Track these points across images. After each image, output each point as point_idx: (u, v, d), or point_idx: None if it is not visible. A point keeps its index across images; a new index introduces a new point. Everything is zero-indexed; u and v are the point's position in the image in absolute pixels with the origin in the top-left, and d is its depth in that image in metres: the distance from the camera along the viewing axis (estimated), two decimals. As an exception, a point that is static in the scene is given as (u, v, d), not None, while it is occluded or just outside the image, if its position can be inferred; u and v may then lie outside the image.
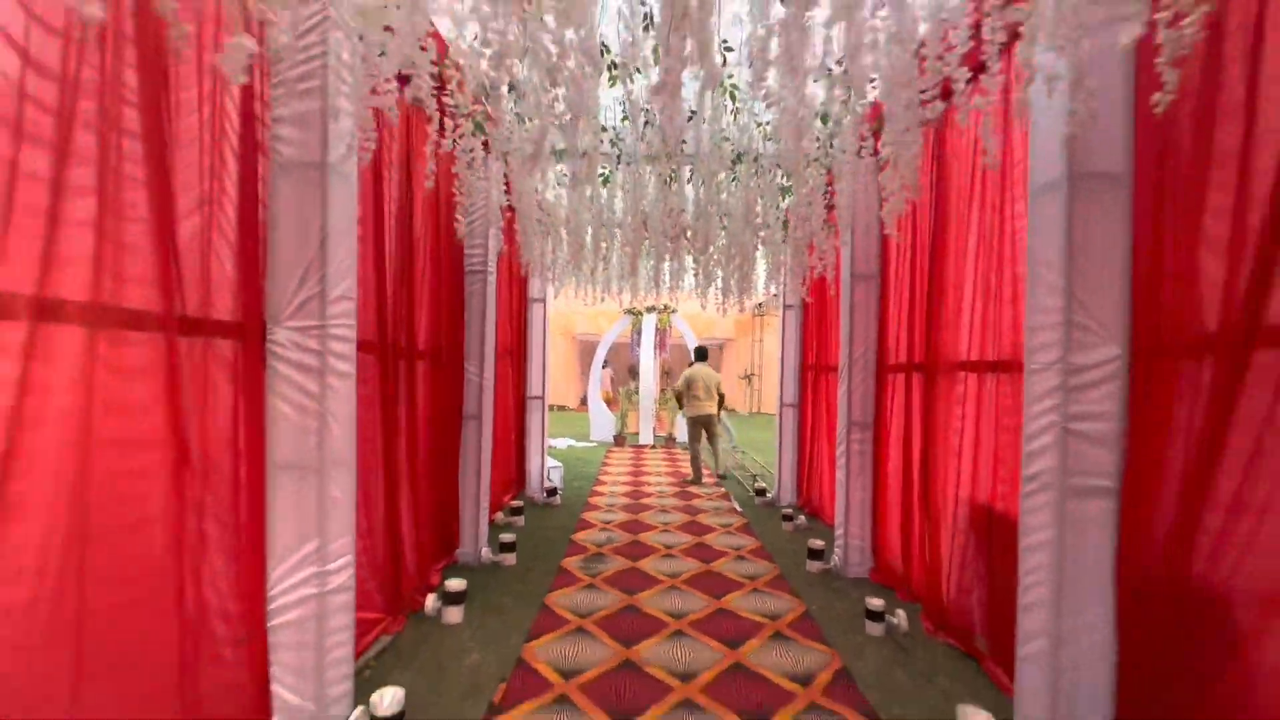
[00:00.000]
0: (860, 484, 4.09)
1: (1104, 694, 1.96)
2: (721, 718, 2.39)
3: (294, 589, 2.04)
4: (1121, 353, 1.95)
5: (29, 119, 1.31)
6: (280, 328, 2.03)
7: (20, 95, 1.29)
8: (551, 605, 3.46)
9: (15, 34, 1.28)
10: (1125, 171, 1.95)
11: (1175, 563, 1.78)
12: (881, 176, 2.34)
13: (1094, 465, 1.97)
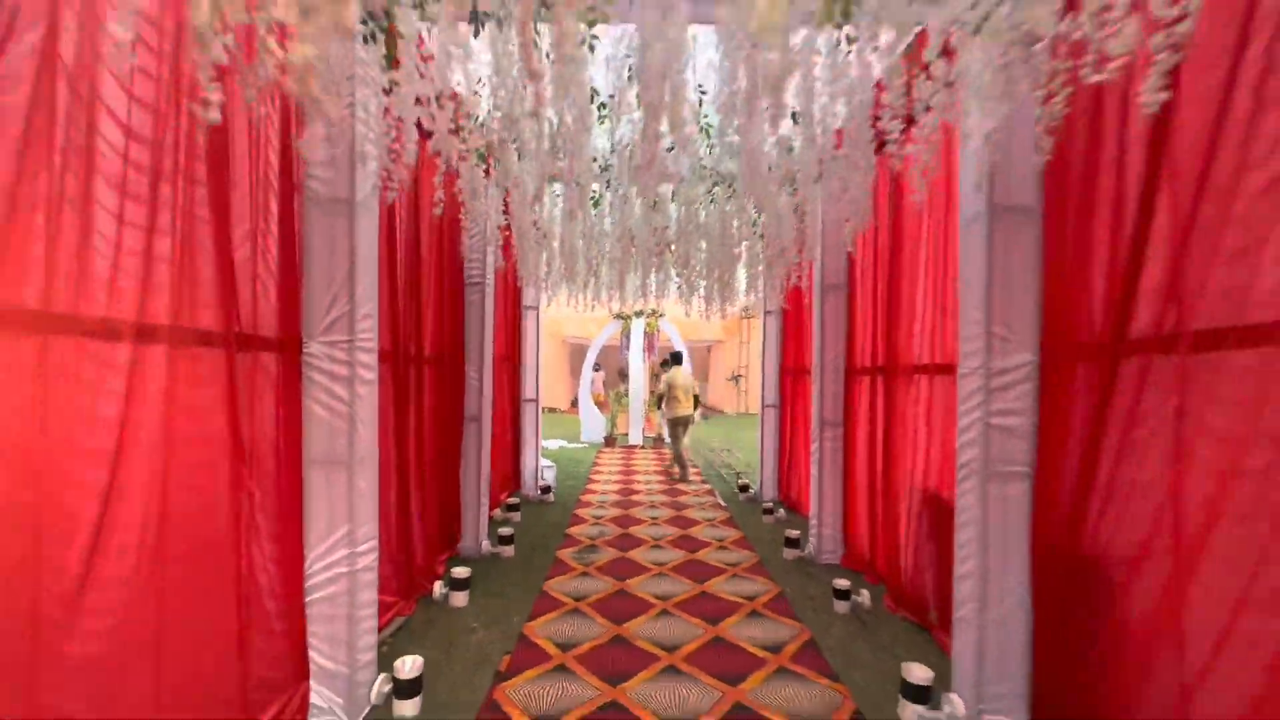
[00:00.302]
0: (832, 478, 4.45)
1: (1022, 644, 2.31)
2: (701, 680, 2.72)
3: (328, 569, 2.35)
4: (1033, 358, 2.30)
5: (130, 178, 1.61)
6: (314, 342, 2.34)
7: (124, 159, 1.60)
8: (549, 590, 3.78)
9: (119, 111, 1.59)
10: (1036, 206, 2.31)
11: (1073, 533, 2.13)
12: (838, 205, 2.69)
13: (1012, 454, 2.33)
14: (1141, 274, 1.87)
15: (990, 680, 2.34)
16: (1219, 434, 1.61)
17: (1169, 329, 1.77)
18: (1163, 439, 1.80)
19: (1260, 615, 1.50)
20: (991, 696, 2.34)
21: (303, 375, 2.34)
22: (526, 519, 5.52)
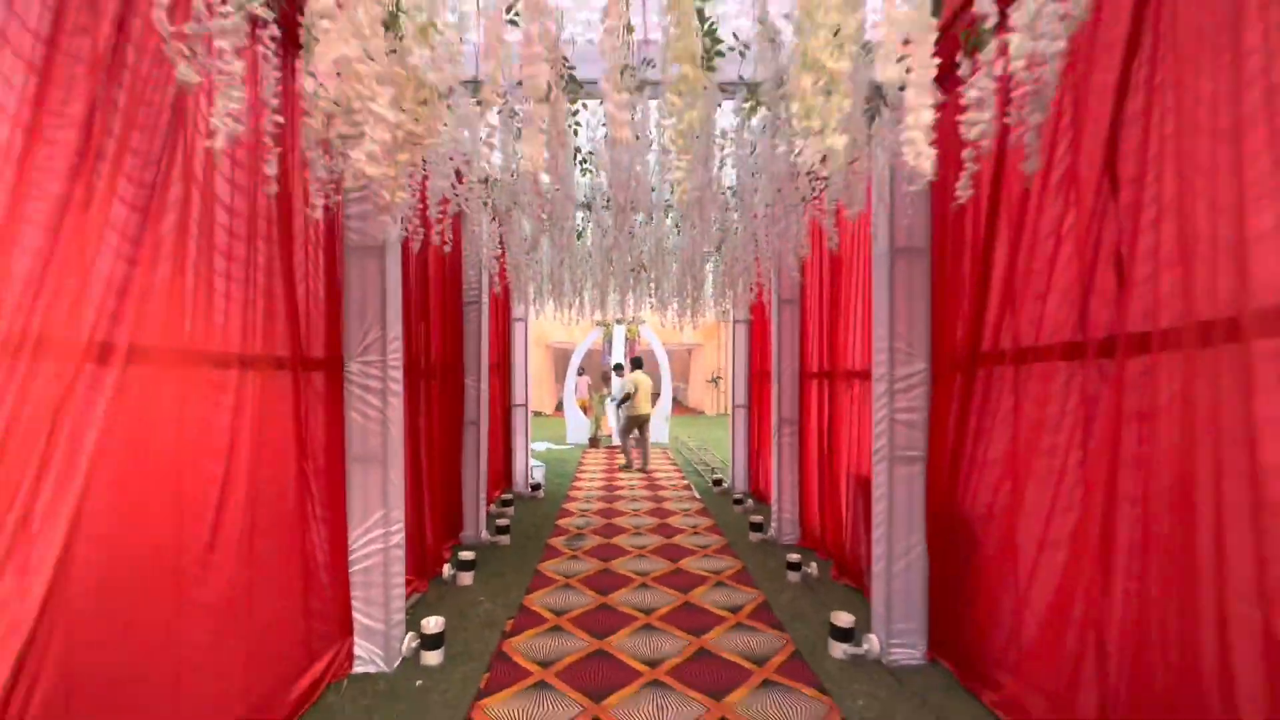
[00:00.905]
0: (790, 469, 5.08)
1: (920, 590, 2.94)
2: (673, 634, 3.32)
3: (367, 545, 2.90)
4: (926, 367, 2.94)
5: (230, 244, 2.16)
6: (354, 362, 2.89)
7: (228, 231, 2.15)
8: (542, 570, 4.35)
9: (222, 194, 2.13)
10: (926, 248, 2.95)
11: (950, 500, 2.77)
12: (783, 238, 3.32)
13: (910, 442, 2.96)
14: (986, 305, 2.51)
15: (897, 620, 2.97)
16: (1029, 420, 2.25)
17: (1002, 347, 2.41)
18: (1002, 426, 2.43)
19: (1053, 551, 2.13)
20: (898, 633, 2.96)
21: (344, 389, 2.89)
22: (520, 512, 6.07)
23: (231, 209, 2.16)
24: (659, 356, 13.84)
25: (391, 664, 2.92)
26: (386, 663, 2.90)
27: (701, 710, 2.57)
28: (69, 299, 1.50)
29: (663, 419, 12.89)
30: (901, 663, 2.94)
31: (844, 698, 2.66)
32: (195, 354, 1.98)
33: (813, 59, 1.20)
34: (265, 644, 2.31)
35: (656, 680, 2.82)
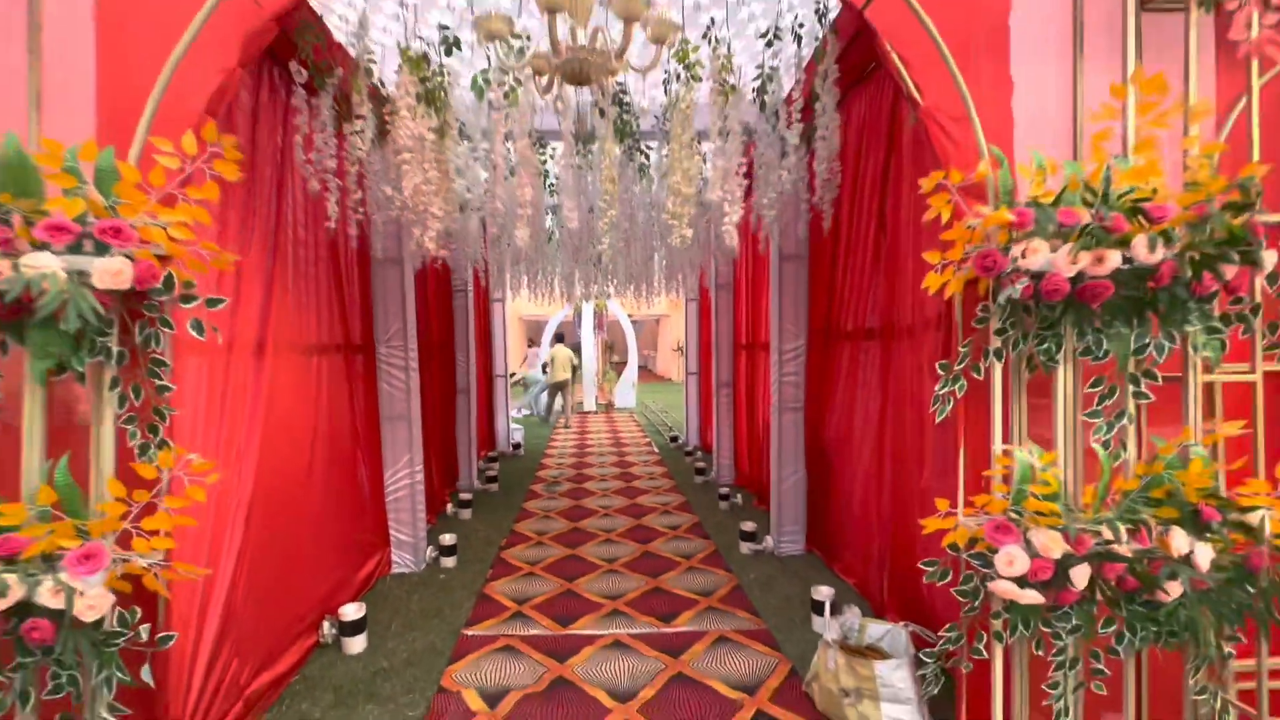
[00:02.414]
0: (727, 423, 6.24)
1: (801, 501, 4.12)
2: (627, 544, 4.46)
3: (399, 480, 3.94)
4: (803, 341, 4.06)
5: (306, 263, 3.11)
6: (383, 346, 3.88)
7: (304, 255, 3.09)
8: (527, 508, 5.46)
9: (302, 238, 3.07)
10: (804, 255, 4.03)
11: (817, 436, 3.93)
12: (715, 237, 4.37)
13: (793, 397, 4.10)
14: (834, 298, 3.62)
15: (785, 524, 4.15)
16: (850, 379, 3.39)
17: (845, 328, 3.53)
18: (847, 382, 3.57)
19: (859, 465, 3.29)
20: (786, 533, 4.15)
21: (377, 366, 3.88)
22: (504, 467, 7.15)
23: (304, 246, 3.12)
24: (625, 327, 14.88)
25: (419, 566, 3.99)
26: (416, 565, 3.98)
27: (643, 584, 3.71)
28: (245, 319, 2.47)
29: (629, 385, 14.01)
30: (788, 553, 4.13)
31: (743, 574, 3.83)
32: (296, 345, 2.96)
33: (674, 187, 2.24)
34: (338, 546, 3.35)
35: (612, 570, 3.96)
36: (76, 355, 1.55)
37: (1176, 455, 1.73)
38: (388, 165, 2.86)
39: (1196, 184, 1.69)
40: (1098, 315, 1.70)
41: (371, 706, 2.43)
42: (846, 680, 2.21)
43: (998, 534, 1.68)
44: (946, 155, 1.96)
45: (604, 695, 2.49)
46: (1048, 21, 2.05)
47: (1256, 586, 1.68)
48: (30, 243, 1.49)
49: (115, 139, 1.73)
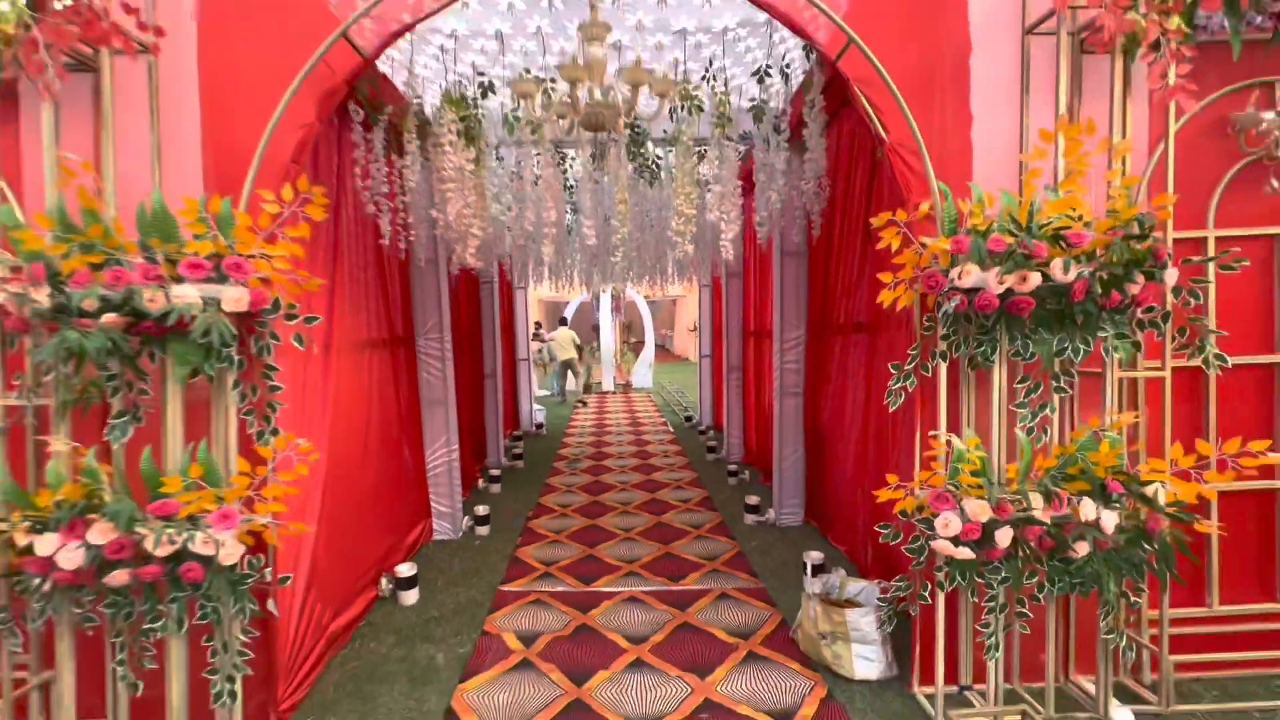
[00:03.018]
0: (736, 404, 6.63)
1: (800, 477, 4.52)
2: (643, 516, 4.91)
3: (438, 458, 4.42)
4: (803, 332, 4.42)
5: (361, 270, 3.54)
6: (422, 339, 4.33)
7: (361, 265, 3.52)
8: (550, 483, 5.94)
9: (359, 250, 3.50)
10: (803, 252, 4.37)
11: (815, 419, 4.31)
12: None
13: (793, 382, 4.47)
14: (827, 294, 3.97)
15: (786, 498, 4.56)
16: (848, 370, 3.75)
17: (837, 322, 3.88)
18: (839, 371, 3.93)
19: (848, 446, 3.67)
20: (786, 507, 4.56)
21: (417, 356, 4.34)
22: (528, 445, 7.65)
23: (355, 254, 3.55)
24: (642, 309, 15.25)
25: (457, 534, 4.49)
26: (454, 533, 4.48)
27: (656, 550, 4.16)
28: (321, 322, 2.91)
29: (647, 366, 14.44)
30: (787, 524, 4.55)
31: (745, 543, 4.26)
32: (352, 343, 3.41)
33: (678, 209, 2.61)
34: (389, 515, 3.84)
35: (629, 538, 4.42)
36: (208, 363, 2.00)
37: (1090, 438, 2.09)
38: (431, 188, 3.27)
39: (1115, 212, 2.03)
40: (1025, 324, 2.06)
41: (428, 645, 2.92)
42: (824, 626, 2.63)
43: (937, 503, 2.07)
44: (908, 184, 2.31)
45: (620, 639, 2.94)
46: (1003, 63, 2.37)
47: (1152, 546, 2.05)
48: (172, 276, 1.93)
49: (220, 188, 2.16)
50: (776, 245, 4.40)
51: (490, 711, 2.36)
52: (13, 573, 1.99)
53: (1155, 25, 2.00)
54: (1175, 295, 2.10)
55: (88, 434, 2.10)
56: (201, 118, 2.25)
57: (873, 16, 2.37)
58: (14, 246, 1.94)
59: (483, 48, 2.93)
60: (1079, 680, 2.37)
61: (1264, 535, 2.44)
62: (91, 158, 2.16)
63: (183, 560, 1.92)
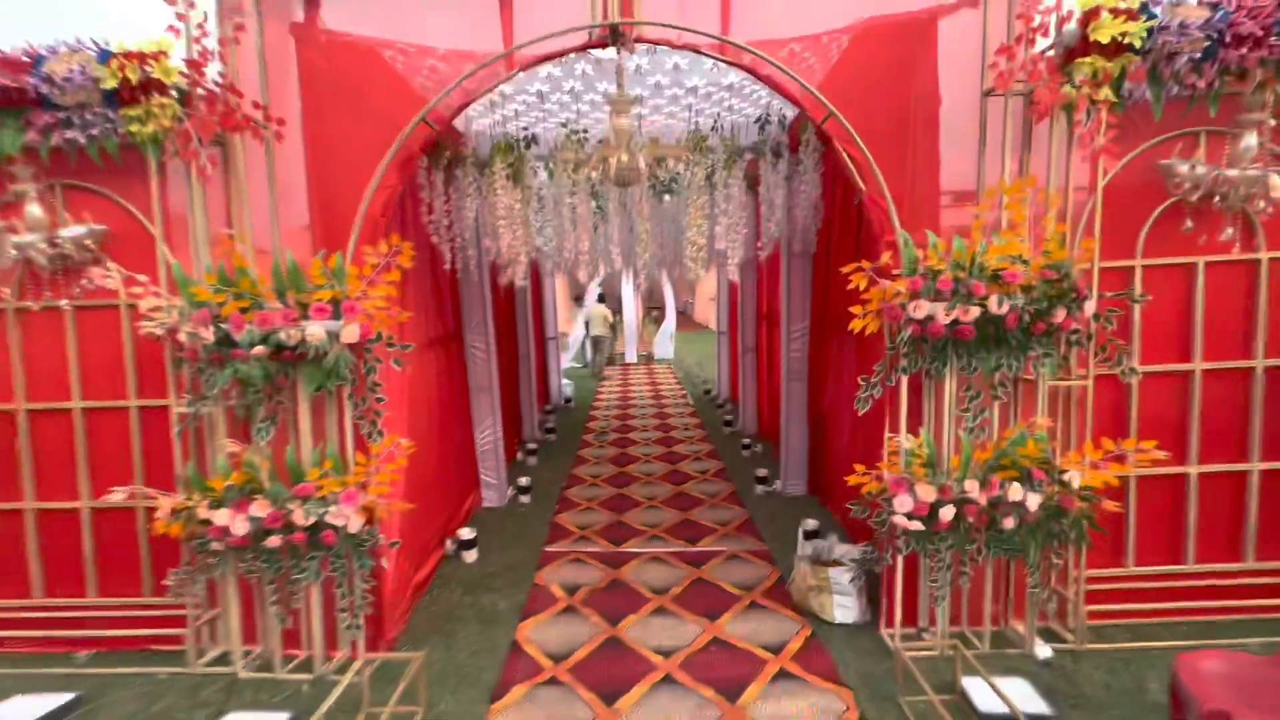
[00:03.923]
0: (750, 382, 7.18)
1: (804, 451, 5.09)
2: (664, 486, 5.55)
3: (485, 436, 5.08)
4: (807, 324, 4.91)
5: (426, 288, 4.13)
6: (469, 333, 4.93)
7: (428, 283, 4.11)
8: (581, 455, 6.61)
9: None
10: (809, 254, 4.82)
11: (816, 401, 4.85)
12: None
13: (799, 369, 4.99)
14: (827, 294, 4.45)
15: (791, 470, 5.14)
16: (844, 362, 4.26)
17: (835, 318, 4.37)
18: (835, 362, 4.44)
19: (842, 421, 4.21)
20: (791, 478, 5.15)
21: (466, 349, 4.96)
22: (559, 419, 8.32)
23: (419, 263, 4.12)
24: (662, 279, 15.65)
25: (502, 502, 5.19)
26: (500, 502, 5.17)
27: (676, 516, 4.80)
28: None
29: (668, 337, 14.96)
30: (792, 494, 5.14)
31: (755, 511, 4.87)
32: (419, 341, 4.02)
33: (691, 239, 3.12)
34: (449, 486, 4.52)
35: (652, 505, 5.06)
36: (329, 381, 2.62)
37: (1020, 436, 2.61)
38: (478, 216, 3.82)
39: (1049, 252, 2.50)
40: (970, 345, 2.56)
41: (490, 595, 3.60)
42: (811, 581, 3.24)
43: (895, 486, 2.62)
44: (883, 226, 2.78)
45: (646, 590, 3.59)
46: (968, 119, 2.80)
47: (1067, 519, 2.59)
48: (301, 315, 2.54)
49: (324, 240, 2.75)
50: (784, 248, 4.85)
51: (547, 644, 3.03)
52: (194, 538, 2.68)
53: (1085, 98, 2.44)
54: (1096, 320, 2.57)
55: (237, 435, 2.76)
56: (308, 183, 2.82)
57: (852, 78, 2.81)
58: (184, 296, 2.56)
59: (524, 100, 3.42)
60: (1016, 625, 2.95)
61: (1177, 511, 2.94)
62: (220, 214, 2.77)
63: (320, 529, 2.58)
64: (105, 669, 2.87)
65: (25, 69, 2.52)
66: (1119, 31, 2.34)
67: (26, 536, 2.97)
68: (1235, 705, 1.77)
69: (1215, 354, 2.84)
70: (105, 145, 2.63)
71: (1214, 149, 2.68)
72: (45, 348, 2.92)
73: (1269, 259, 2.76)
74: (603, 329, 12.52)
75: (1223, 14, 2.34)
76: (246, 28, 2.61)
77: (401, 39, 2.85)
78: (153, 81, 2.49)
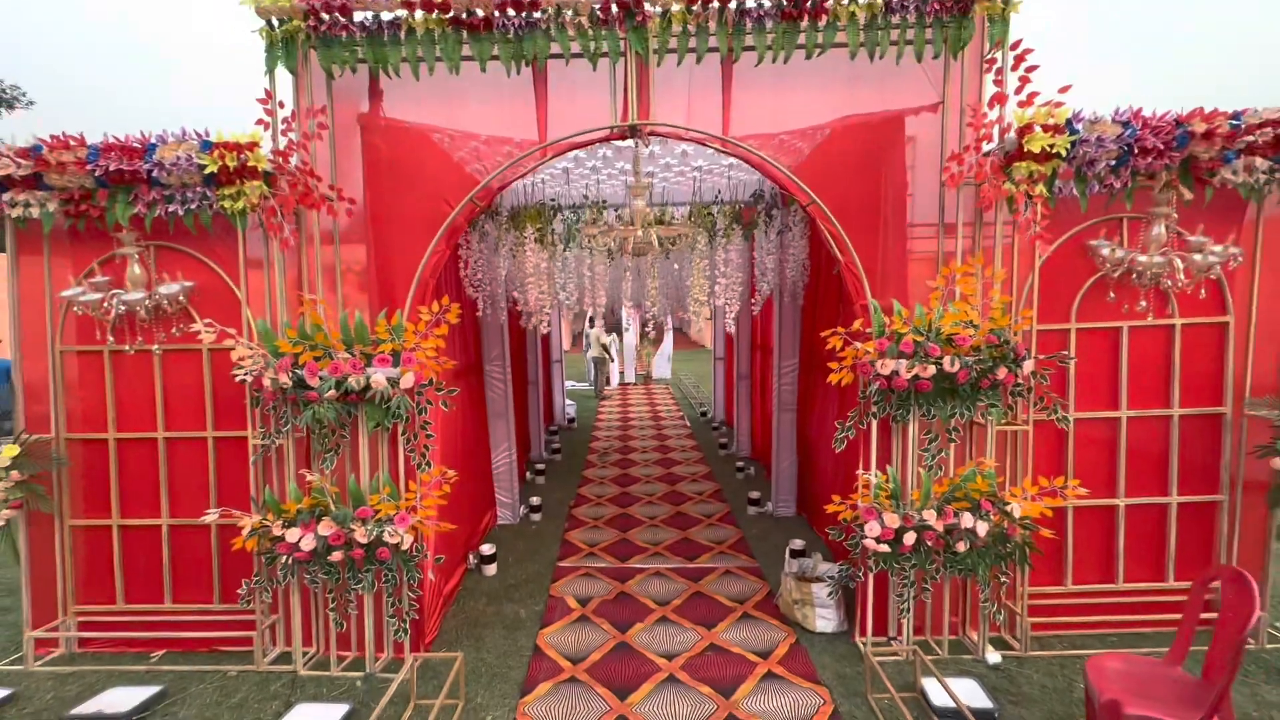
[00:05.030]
0: (745, 407, 7.67)
1: (793, 476, 5.56)
2: (663, 506, 6.00)
3: (501, 459, 5.53)
4: (797, 360, 5.41)
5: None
6: (488, 365, 5.40)
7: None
8: (586, 475, 7.06)
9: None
10: (799, 295, 5.33)
11: (804, 430, 5.33)
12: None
13: (789, 401, 5.48)
14: (813, 336, 4.95)
15: (781, 493, 5.61)
16: (828, 398, 4.75)
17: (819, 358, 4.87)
18: (821, 396, 4.93)
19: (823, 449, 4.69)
20: (781, 500, 5.61)
21: (485, 379, 5.42)
22: (563, 439, 8.77)
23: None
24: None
25: (516, 520, 5.63)
26: (514, 519, 5.61)
27: (675, 535, 5.25)
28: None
29: (666, 359, 15.45)
30: (782, 515, 5.60)
31: (747, 530, 5.32)
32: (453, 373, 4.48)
33: (694, 295, 3.61)
34: (471, 505, 4.96)
35: (653, 525, 5.51)
36: (387, 420, 3.08)
37: (971, 472, 3.09)
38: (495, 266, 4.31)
39: (994, 319, 3.00)
40: (929, 396, 3.05)
41: (511, 604, 4.04)
42: (796, 595, 3.69)
43: (866, 514, 3.10)
44: (858, 292, 3.28)
45: (650, 602, 4.03)
46: (932, 200, 3.30)
47: (1010, 544, 3.06)
48: (366, 364, 3.01)
49: (382, 298, 3.22)
50: (776, 295, 5.37)
51: (564, 647, 3.47)
52: (265, 552, 3.12)
53: (1022, 194, 2.96)
54: (1034, 376, 3.07)
55: (303, 463, 3.22)
56: (368, 249, 3.30)
57: (832, 164, 3.31)
58: (268, 347, 3.03)
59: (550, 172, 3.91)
60: (971, 634, 3.41)
61: (1108, 538, 3.42)
62: (292, 274, 3.24)
63: (376, 546, 3.03)
64: (178, 666, 3.30)
65: (139, 155, 2.99)
66: (1048, 143, 2.86)
67: (113, 549, 3.41)
68: (1125, 695, 2.23)
69: (1139, 403, 3.34)
70: (200, 217, 3.10)
71: (1134, 232, 3.20)
72: (134, 385, 3.37)
73: (1181, 324, 3.27)
74: (600, 351, 13.10)
75: (1131, 130, 2.87)
76: (326, 125, 3.11)
77: (450, 126, 3.34)
78: (246, 167, 2.97)
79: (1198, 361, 3.30)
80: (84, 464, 3.40)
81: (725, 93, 3.22)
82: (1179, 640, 2.47)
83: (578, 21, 2.98)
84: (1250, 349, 3.26)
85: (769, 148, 3.27)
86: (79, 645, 3.44)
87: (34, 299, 3.33)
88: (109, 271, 3.25)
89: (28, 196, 3.10)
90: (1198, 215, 3.08)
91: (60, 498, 3.36)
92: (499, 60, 3.09)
